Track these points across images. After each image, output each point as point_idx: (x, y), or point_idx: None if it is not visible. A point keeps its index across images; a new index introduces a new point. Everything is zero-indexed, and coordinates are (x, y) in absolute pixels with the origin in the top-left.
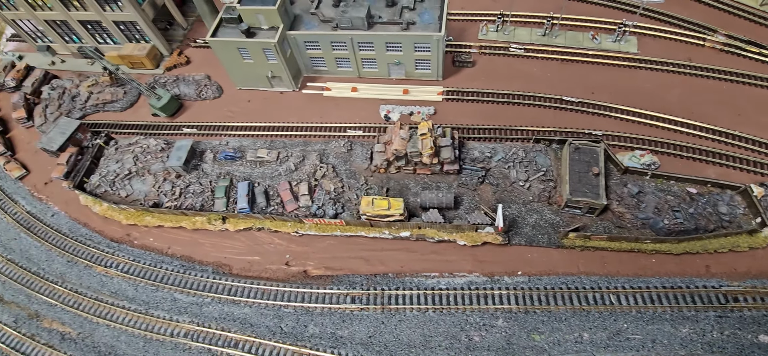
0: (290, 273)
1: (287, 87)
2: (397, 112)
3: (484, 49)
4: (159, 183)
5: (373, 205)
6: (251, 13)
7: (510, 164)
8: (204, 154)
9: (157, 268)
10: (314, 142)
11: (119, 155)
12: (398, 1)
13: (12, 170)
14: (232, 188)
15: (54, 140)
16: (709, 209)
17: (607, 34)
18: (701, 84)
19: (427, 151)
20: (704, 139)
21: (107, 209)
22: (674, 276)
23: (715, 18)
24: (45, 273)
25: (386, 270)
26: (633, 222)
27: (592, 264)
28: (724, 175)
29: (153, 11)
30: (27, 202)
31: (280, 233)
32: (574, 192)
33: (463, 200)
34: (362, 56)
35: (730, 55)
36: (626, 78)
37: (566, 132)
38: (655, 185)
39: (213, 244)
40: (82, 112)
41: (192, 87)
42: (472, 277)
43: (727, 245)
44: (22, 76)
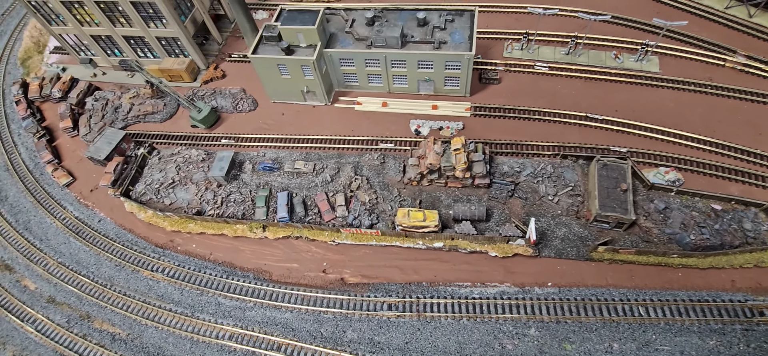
0: (328, 280)
1: (320, 101)
2: (427, 126)
3: (509, 67)
4: (201, 192)
5: (409, 216)
6: (291, 32)
7: (538, 178)
8: (243, 165)
9: (201, 273)
10: (348, 154)
11: (162, 165)
12: (430, 20)
13: (59, 177)
14: (271, 198)
15: (101, 150)
16: (733, 226)
17: (629, 53)
18: (722, 103)
19: (461, 165)
20: (726, 157)
21: (152, 216)
22: (700, 289)
23: (735, 39)
24: (94, 276)
25: (420, 279)
26: (660, 237)
27: (620, 277)
28: (747, 192)
29: (193, 27)
30: (74, 208)
31: (318, 242)
32: (603, 207)
33: (493, 213)
34: (394, 73)
35: (750, 76)
36: (649, 97)
37: (592, 148)
38: (681, 201)
39: (253, 251)
40: (124, 122)
41: (229, 100)
42: (503, 287)
43: (752, 260)
44: (67, 87)
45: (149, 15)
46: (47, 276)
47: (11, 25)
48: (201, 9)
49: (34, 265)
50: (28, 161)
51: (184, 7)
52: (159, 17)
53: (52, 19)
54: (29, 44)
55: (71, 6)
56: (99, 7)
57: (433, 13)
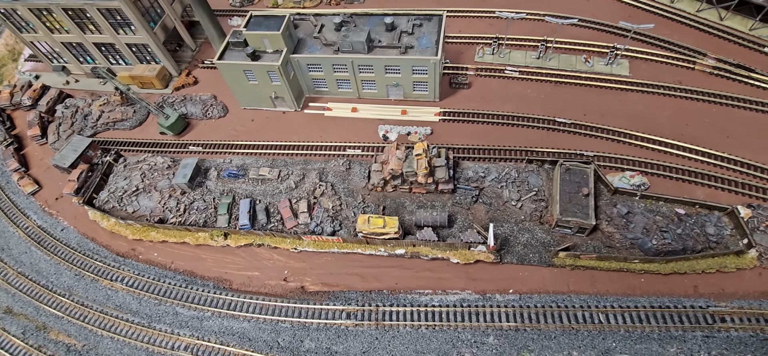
0: (288, 289)
1: (290, 107)
2: (395, 132)
3: (480, 72)
4: (165, 200)
5: (369, 223)
6: (257, 38)
7: (503, 183)
8: (208, 171)
9: (160, 282)
10: (314, 161)
11: (127, 172)
12: (397, 25)
13: (25, 185)
14: (234, 205)
15: (66, 157)
16: (696, 230)
17: (599, 57)
18: (691, 106)
19: (422, 171)
20: (693, 160)
21: (114, 225)
22: (662, 295)
23: (705, 42)
24: (53, 286)
25: (381, 287)
26: (622, 242)
27: (582, 283)
28: (713, 196)
29: (164, 34)
30: (38, 217)
31: (280, 250)
32: (564, 212)
33: (457, 219)
34: (362, 78)
35: (719, 79)
36: (618, 100)
37: (558, 153)
38: (644, 205)
39: (215, 259)
40: (93, 130)
41: (199, 106)
42: (464, 294)
43: (714, 265)
44: (37, 95)
45: (118, 22)
46: (6, 286)
47: None
48: (172, 15)
49: None
50: None
51: (153, 13)
52: (127, 24)
53: (23, 26)
54: (4, 52)
55: (40, 13)
56: (67, 14)
57: (401, 18)
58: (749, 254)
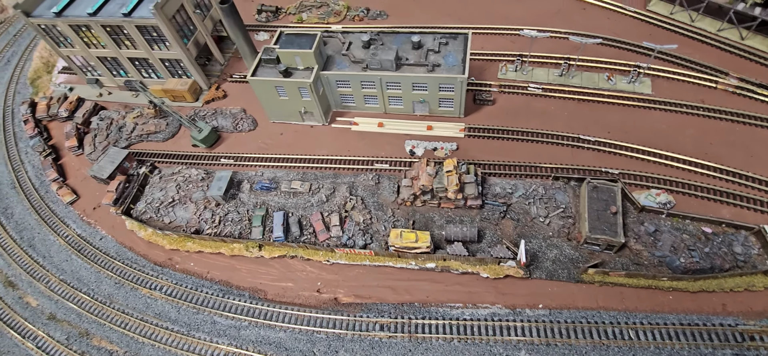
0: (322, 300)
1: (318, 121)
2: (421, 147)
3: (503, 88)
4: (200, 211)
5: (402, 237)
6: (289, 55)
7: (530, 200)
8: (241, 184)
9: (198, 291)
10: (344, 174)
11: (163, 184)
12: (424, 43)
13: (64, 195)
14: (268, 218)
15: (104, 169)
16: (724, 249)
17: (621, 75)
18: (714, 125)
19: (453, 187)
20: (718, 179)
21: (151, 235)
22: (691, 313)
23: (727, 61)
24: (94, 294)
25: (412, 300)
26: (650, 260)
27: (611, 300)
28: (738, 215)
29: (196, 49)
30: (77, 226)
31: (312, 262)
32: (593, 230)
33: (486, 234)
34: (389, 94)
35: (741, 98)
36: (641, 118)
37: (584, 170)
38: (671, 223)
39: (249, 270)
40: (127, 142)
41: (229, 120)
42: (495, 309)
43: (742, 284)
44: (73, 107)
45: (153, 38)
46: (49, 293)
47: (22, 45)
48: (203, 32)
49: (36, 282)
50: (34, 179)
51: (186, 30)
52: (162, 40)
53: (61, 41)
54: (39, 64)
55: (79, 29)
56: (105, 30)
57: (427, 36)
58: None
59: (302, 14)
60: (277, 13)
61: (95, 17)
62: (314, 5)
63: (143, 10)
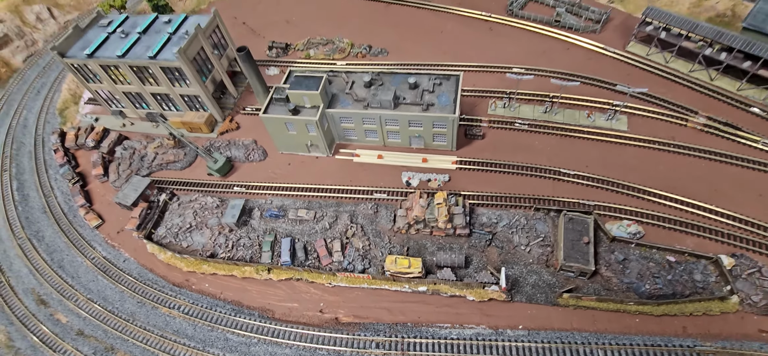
0: (324, 320)
1: (322, 153)
2: (417, 178)
3: (492, 123)
4: (215, 236)
5: (396, 263)
6: (298, 96)
7: (513, 229)
8: (252, 211)
9: (212, 310)
10: (345, 203)
11: (181, 211)
12: (420, 84)
13: (90, 219)
14: (276, 243)
15: (128, 196)
16: (685, 277)
17: (600, 112)
18: (683, 161)
19: (443, 218)
20: (684, 212)
21: (170, 257)
22: (655, 335)
23: (697, 100)
24: (118, 312)
25: (406, 320)
26: (619, 286)
27: (584, 322)
28: (701, 245)
29: (213, 86)
30: (103, 248)
31: (316, 284)
32: (567, 258)
33: (473, 260)
34: (388, 130)
35: (708, 135)
36: (617, 153)
37: (563, 201)
38: (640, 252)
39: (259, 291)
40: (148, 170)
41: (241, 150)
42: (479, 329)
43: (701, 309)
44: (99, 137)
45: (175, 77)
46: (77, 311)
47: (51, 77)
48: (220, 69)
49: (65, 300)
50: (64, 204)
51: (205, 69)
52: (183, 79)
53: (90, 78)
54: (67, 96)
55: (108, 68)
56: (132, 70)
57: (423, 76)
58: (732, 300)
59: (310, 51)
60: (287, 50)
61: (124, 59)
62: (321, 43)
63: (167, 53)
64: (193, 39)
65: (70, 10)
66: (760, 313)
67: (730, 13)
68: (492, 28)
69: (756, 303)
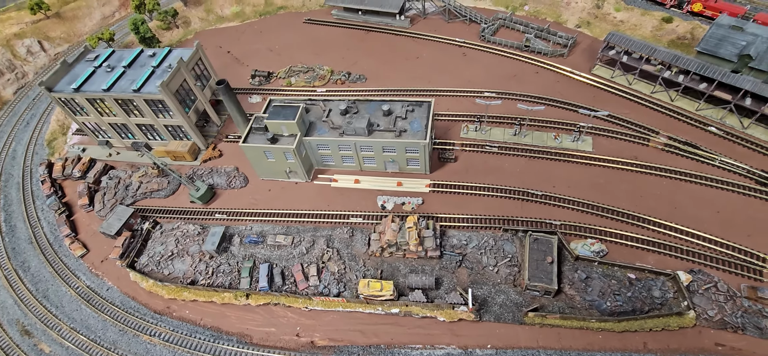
0: (300, 343)
1: (301, 178)
2: (391, 202)
3: (465, 147)
4: (195, 263)
5: (369, 286)
6: (276, 125)
7: (482, 250)
8: (232, 238)
9: (192, 337)
10: (323, 228)
11: (163, 239)
12: (393, 110)
13: (75, 249)
14: (255, 269)
15: (112, 226)
16: (644, 293)
17: (567, 134)
18: (645, 179)
19: (414, 241)
20: (646, 229)
21: (152, 285)
22: (616, 351)
23: (659, 121)
24: (101, 341)
25: (379, 342)
26: (582, 303)
27: (549, 339)
28: (662, 262)
29: (196, 116)
30: (87, 277)
31: (293, 308)
32: (532, 277)
33: (444, 282)
34: (363, 155)
35: (669, 154)
36: (582, 173)
37: (531, 221)
38: (602, 270)
39: (238, 317)
40: (133, 199)
41: (223, 177)
42: (449, 349)
43: (660, 324)
44: (86, 167)
45: (159, 108)
46: (61, 341)
47: (40, 109)
48: (202, 99)
49: (49, 330)
50: (49, 234)
51: (188, 100)
52: (167, 110)
53: (77, 110)
54: (55, 127)
55: (94, 102)
56: (117, 103)
57: (396, 103)
58: (689, 314)
59: (291, 78)
60: (269, 78)
61: (109, 92)
62: (301, 70)
63: (151, 86)
64: (176, 72)
65: (60, 43)
66: (716, 327)
67: (689, 36)
68: (466, 54)
69: (712, 317)
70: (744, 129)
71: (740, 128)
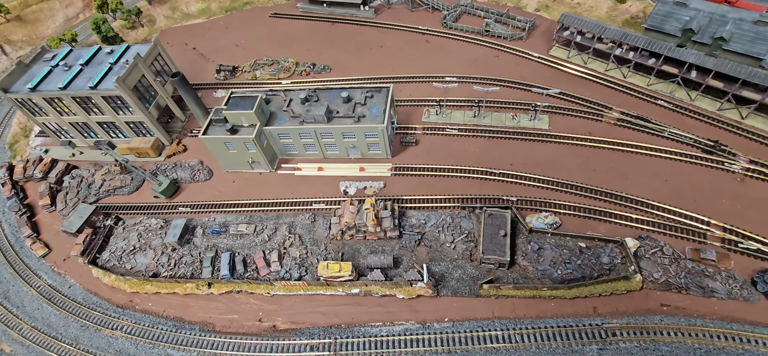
0: (262, 328)
1: (265, 169)
2: (354, 187)
3: (426, 130)
4: (158, 256)
5: (328, 268)
6: (235, 116)
7: (440, 228)
8: (195, 229)
9: (154, 328)
10: (285, 215)
11: (126, 234)
12: (353, 97)
13: (37, 249)
14: (216, 259)
15: (73, 224)
16: (593, 260)
17: (524, 114)
18: (598, 153)
19: (371, 222)
20: (598, 200)
21: (115, 280)
22: (568, 316)
23: (612, 97)
24: (62, 337)
25: (340, 322)
26: (534, 273)
27: (504, 310)
28: (613, 230)
29: (157, 111)
30: (48, 276)
31: (255, 295)
32: (486, 251)
33: (403, 260)
34: (325, 143)
35: (621, 128)
36: (539, 151)
37: (489, 198)
38: (554, 241)
39: (200, 306)
40: (96, 197)
41: (187, 171)
42: (408, 325)
43: (608, 289)
44: (47, 168)
45: (117, 105)
46: (21, 340)
47: (1, 113)
48: (164, 95)
49: (10, 330)
50: (10, 236)
51: (148, 95)
52: (126, 106)
53: (36, 111)
54: (17, 130)
55: (52, 101)
56: (75, 101)
57: (356, 90)
58: (635, 278)
59: (256, 72)
60: (234, 72)
61: (66, 91)
62: (266, 63)
63: (108, 83)
64: (133, 68)
65: (21, 46)
66: (661, 289)
67: (641, 15)
68: (428, 41)
69: (657, 279)
70: (692, 101)
71: (688, 101)
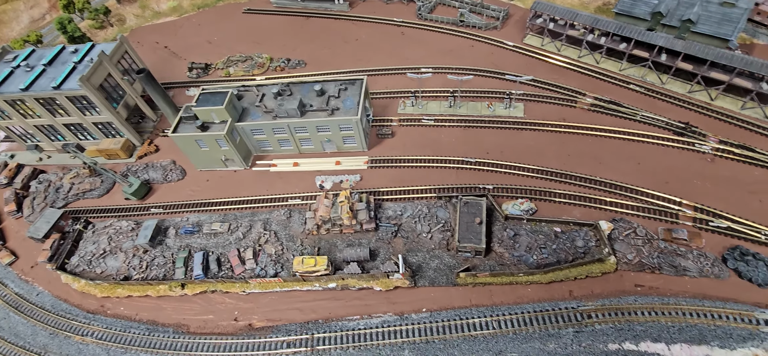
0: (238, 327)
1: (239, 166)
2: (329, 181)
3: (402, 122)
4: (129, 259)
5: (303, 263)
6: (205, 112)
7: (416, 218)
8: (167, 230)
9: (126, 333)
10: (261, 212)
11: (95, 237)
12: (326, 90)
13: (2, 257)
14: (190, 259)
15: (40, 229)
16: (568, 244)
17: (499, 102)
18: (571, 139)
19: (346, 215)
20: (573, 185)
21: (84, 285)
22: (544, 301)
23: (586, 83)
24: (30, 346)
25: (317, 317)
26: (511, 260)
27: (481, 297)
28: (587, 214)
29: (126, 111)
30: (15, 285)
31: (231, 294)
32: (462, 239)
33: (380, 253)
34: (299, 137)
35: (595, 113)
36: (514, 138)
37: (465, 188)
38: (530, 227)
39: (174, 308)
40: (65, 201)
41: (159, 172)
42: (386, 317)
43: (584, 272)
44: (12, 174)
45: (84, 106)
46: None
47: None
48: (132, 95)
49: None
50: None
51: (115, 95)
52: (93, 107)
53: None
54: None
55: (14, 103)
56: (39, 102)
57: (330, 83)
58: (610, 260)
59: (229, 69)
60: (207, 69)
61: (28, 92)
62: (240, 60)
63: (71, 82)
64: (98, 66)
65: None
66: (635, 270)
67: (613, 1)
68: (404, 33)
69: (631, 260)
70: (663, 84)
71: (659, 84)
